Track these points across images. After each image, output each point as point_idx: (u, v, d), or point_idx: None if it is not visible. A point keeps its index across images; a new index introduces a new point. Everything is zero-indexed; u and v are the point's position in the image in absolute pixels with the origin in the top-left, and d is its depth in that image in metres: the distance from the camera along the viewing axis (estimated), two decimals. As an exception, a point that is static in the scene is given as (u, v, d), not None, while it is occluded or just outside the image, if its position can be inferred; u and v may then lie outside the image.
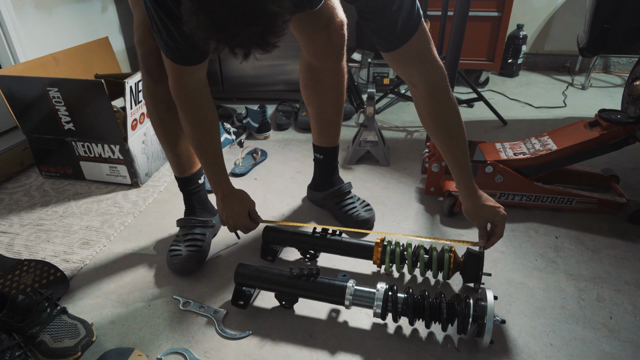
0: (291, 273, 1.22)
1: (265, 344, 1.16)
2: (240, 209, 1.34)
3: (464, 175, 1.24)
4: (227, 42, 0.76)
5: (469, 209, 1.28)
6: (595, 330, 1.19)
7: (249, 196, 1.39)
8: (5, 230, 1.64)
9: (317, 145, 1.65)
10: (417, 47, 1.12)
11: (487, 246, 1.28)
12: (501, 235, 1.26)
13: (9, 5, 2.06)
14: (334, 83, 1.50)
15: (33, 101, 1.81)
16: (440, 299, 1.13)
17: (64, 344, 1.11)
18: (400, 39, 1.10)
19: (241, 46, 0.78)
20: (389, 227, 1.63)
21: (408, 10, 1.05)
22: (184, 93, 1.22)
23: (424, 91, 1.17)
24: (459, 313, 1.11)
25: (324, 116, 1.57)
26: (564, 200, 1.66)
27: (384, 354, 1.13)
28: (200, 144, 1.29)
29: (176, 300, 1.31)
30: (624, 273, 1.39)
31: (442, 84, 1.17)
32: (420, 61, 1.15)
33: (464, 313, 1.10)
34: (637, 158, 2.07)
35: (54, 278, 1.32)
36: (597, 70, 3.54)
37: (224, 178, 1.35)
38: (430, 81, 1.16)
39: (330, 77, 1.48)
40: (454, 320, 1.12)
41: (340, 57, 1.45)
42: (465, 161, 1.23)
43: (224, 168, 1.35)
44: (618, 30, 2.27)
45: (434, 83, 1.16)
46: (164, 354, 1.14)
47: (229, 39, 0.75)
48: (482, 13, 2.96)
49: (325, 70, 1.47)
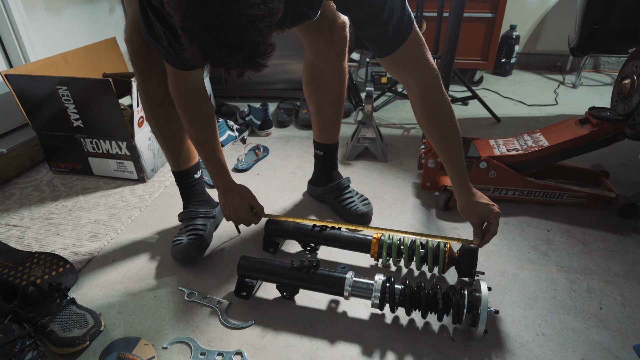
0: (292, 265, 1.21)
1: (267, 334, 1.16)
2: (241, 203, 1.33)
3: (458, 174, 1.24)
4: (220, 67, 0.80)
5: (463, 206, 1.27)
6: (586, 320, 1.19)
7: (249, 190, 1.37)
8: (16, 224, 1.63)
9: (318, 142, 1.64)
10: (409, 52, 1.12)
11: (482, 244, 1.27)
12: (495, 232, 1.25)
13: (20, 6, 2.05)
14: (335, 82, 1.49)
15: (43, 99, 1.80)
16: (436, 290, 1.13)
17: (73, 333, 1.11)
18: (392, 46, 1.10)
19: (233, 69, 0.82)
20: (387, 221, 1.62)
21: (398, 18, 1.05)
22: (182, 92, 1.23)
23: (418, 93, 1.18)
24: (454, 304, 1.10)
25: (325, 114, 1.56)
26: (556, 194, 1.65)
27: (382, 343, 1.12)
28: (199, 139, 1.30)
29: (181, 292, 1.30)
30: (613, 265, 1.38)
31: (436, 86, 1.16)
32: (413, 65, 1.15)
33: (458, 304, 1.10)
34: (625, 154, 2.06)
35: (63, 270, 1.31)
36: (588, 70, 3.53)
37: (224, 172, 1.34)
38: (424, 83, 1.16)
39: (332, 77, 1.47)
40: (449, 311, 1.12)
41: (342, 57, 1.45)
42: (459, 160, 1.22)
43: (224, 162, 1.34)
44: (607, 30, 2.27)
45: (428, 85, 1.16)
46: (170, 343, 1.13)
47: (221, 64, 0.79)
48: (476, 14, 2.95)
49: (327, 70, 1.45)
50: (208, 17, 0.71)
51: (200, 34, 0.73)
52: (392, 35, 1.08)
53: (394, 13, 1.04)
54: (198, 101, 1.26)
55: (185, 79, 1.21)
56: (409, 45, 1.10)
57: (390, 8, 1.03)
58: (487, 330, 1.09)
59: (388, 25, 1.05)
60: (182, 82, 1.21)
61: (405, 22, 1.07)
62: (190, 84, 1.22)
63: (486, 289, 1.08)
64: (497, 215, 1.24)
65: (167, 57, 1.13)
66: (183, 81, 1.21)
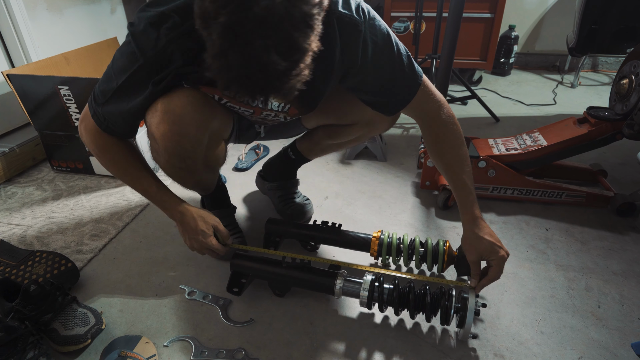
0: (284, 262, 1.22)
1: (268, 332, 1.15)
2: (205, 227, 1.19)
3: (467, 202, 1.13)
4: (251, 83, 0.77)
5: (466, 237, 1.13)
6: (584, 318, 1.18)
7: (211, 214, 1.23)
8: (18, 223, 1.63)
9: (299, 150, 1.56)
10: (416, 107, 1.11)
11: (478, 289, 1.11)
12: (495, 278, 1.09)
13: (22, 6, 2.04)
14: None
15: (45, 99, 1.80)
16: (425, 291, 1.11)
17: (75, 331, 1.10)
18: (396, 108, 1.13)
19: (261, 89, 0.78)
20: (386, 220, 1.62)
21: (402, 84, 1.07)
22: (100, 146, 1.14)
23: (424, 128, 1.16)
24: (441, 305, 1.10)
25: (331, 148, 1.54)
26: (554, 194, 1.65)
27: (381, 342, 1.12)
28: (131, 178, 1.20)
29: (182, 290, 1.30)
30: (611, 264, 1.38)
31: (443, 122, 1.13)
32: (418, 113, 1.14)
33: (445, 305, 1.09)
34: (624, 153, 2.06)
35: (65, 268, 1.31)
36: (586, 69, 3.53)
37: (172, 197, 1.21)
38: (430, 122, 1.14)
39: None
40: (437, 312, 1.11)
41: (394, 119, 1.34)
42: (466, 190, 1.13)
43: (166, 188, 1.22)
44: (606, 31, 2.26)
45: (435, 124, 1.14)
46: (171, 341, 1.13)
47: (257, 76, 0.75)
48: (475, 14, 2.94)
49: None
50: (268, 7, 0.69)
51: (252, 31, 0.71)
52: (395, 103, 1.11)
53: (397, 79, 1.06)
54: (117, 149, 1.15)
55: (106, 139, 1.12)
56: (416, 101, 1.10)
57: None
58: (477, 335, 1.09)
59: (390, 94, 1.09)
60: (102, 142, 1.13)
61: (412, 85, 1.08)
62: (110, 141, 1.14)
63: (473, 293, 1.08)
64: (501, 260, 1.08)
65: (105, 124, 1.08)
66: (103, 142, 1.13)
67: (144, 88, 1.00)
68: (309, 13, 0.72)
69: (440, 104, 1.12)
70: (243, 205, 1.73)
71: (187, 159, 1.14)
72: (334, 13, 0.94)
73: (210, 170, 1.31)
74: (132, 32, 0.95)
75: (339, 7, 0.95)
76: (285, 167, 1.63)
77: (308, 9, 0.72)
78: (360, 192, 1.80)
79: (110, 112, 1.05)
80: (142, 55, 0.94)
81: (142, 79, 0.98)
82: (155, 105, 1.04)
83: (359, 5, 0.98)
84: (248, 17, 0.69)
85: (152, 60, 0.94)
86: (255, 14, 0.69)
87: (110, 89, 1.01)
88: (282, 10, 0.70)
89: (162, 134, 1.06)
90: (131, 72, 0.97)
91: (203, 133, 1.12)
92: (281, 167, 1.63)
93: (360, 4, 0.99)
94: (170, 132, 1.06)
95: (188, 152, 1.12)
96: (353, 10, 0.97)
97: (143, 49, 0.94)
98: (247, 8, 0.69)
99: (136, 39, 0.94)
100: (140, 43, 0.94)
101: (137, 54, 0.94)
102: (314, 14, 0.73)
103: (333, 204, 1.73)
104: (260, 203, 1.73)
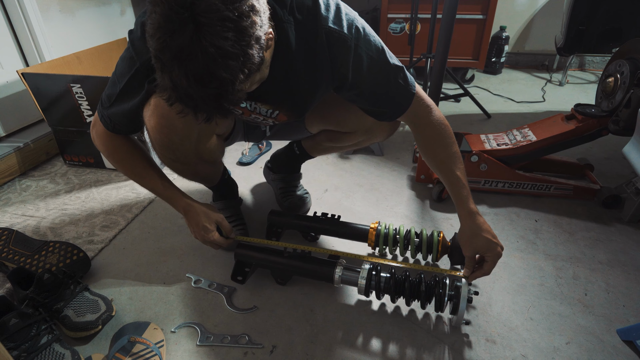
0: (286, 252, 1.21)
1: (270, 318, 1.15)
2: (208, 222, 1.20)
3: (462, 197, 1.11)
4: (187, 103, 0.77)
5: (463, 232, 1.12)
6: (572, 305, 1.18)
7: (215, 209, 1.24)
8: (32, 214, 1.62)
9: (303, 147, 1.55)
10: (409, 113, 1.10)
11: (470, 279, 1.11)
12: (487, 273, 1.09)
13: (36, 8, 2.03)
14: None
15: (58, 96, 1.78)
16: (420, 279, 1.11)
17: (86, 318, 1.10)
18: (394, 116, 1.11)
19: (200, 109, 0.78)
20: (383, 212, 1.61)
21: (398, 94, 1.06)
22: (109, 149, 1.16)
23: (416, 131, 1.15)
24: (435, 293, 1.09)
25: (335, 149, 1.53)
26: (543, 187, 1.63)
27: (378, 328, 1.11)
28: (139, 177, 1.19)
29: (188, 278, 1.29)
30: (597, 253, 1.37)
31: (434, 126, 1.11)
32: (411, 118, 1.13)
33: (439, 293, 1.08)
34: (609, 148, 2.04)
35: (77, 258, 1.30)
36: (573, 68, 3.50)
37: (177, 193, 1.21)
38: (423, 125, 1.12)
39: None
40: (431, 299, 1.10)
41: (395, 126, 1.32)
42: (460, 185, 1.10)
43: (171, 184, 1.21)
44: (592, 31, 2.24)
45: (427, 127, 1.12)
46: (178, 327, 1.12)
47: (187, 99, 0.75)
48: (468, 16, 2.92)
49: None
50: (180, 44, 0.69)
51: (171, 61, 0.71)
52: (391, 112, 1.10)
53: (391, 92, 1.05)
54: (126, 148, 1.17)
55: (113, 137, 1.15)
56: (411, 111, 1.09)
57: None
58: (469, 321, 1.08)
59: (386, 102, 1.07)
60: (109, 141, 1.15)
61: (404, 100, 1.07)
62: (118, 140, 1.16)
63: (466, 281, 1.07)
64: (495, 256, 1.08)
65: (112, 125, 1.11)
66: (110, 141, 1.15)
67: (142, 88, 1.01)
68: (223, 48, 0.70)
69: (431, 107, 1.11)
70: (246, 197, 1.71)
71: (177, 151, 1.14)
72: (323, 28, 0.94)
73: (207, 163, 1.30)
74: (131, 39, 0.98)
75: (329, 22, 0.94)
76: (289, 161, 1.62)
77: (223, 44, 0.70)
78: (359, 185, 1.79)
79: (115, 113, 1.07)
80: (139, 59, 0.96)
81: (140, 80, 1.00)
82: (149, 100, 1.05)
83: (352, 22, 0.97)
84: (167, 48, 0.71)
85: (147, 64, 0.94)
86: (171, 48, 0.70)
87: (114, 93, 1.04)
88: (195, 47, 0.70)
89: (153, 126, 1.07)
90: (130, 75, 0.99)
91: (190, 127, 1.10)
92: (286, 160, 1.63)
93: (354, 22, 0.97)
94: (159, 125, 1.06)
95: (176, 145, 1.12)
96: (344, 27, 0.96)
97: (140, 53, 0.95)
98: (164, 42, 0.70)
99: (134, 44, 0.96)
100: (137, 48, 0.96)
101: (135, 58, 0.97)
102: (234, 48, 0.72)
103: (332, 197, 1.71)
104: (263, 196, 1.72)
